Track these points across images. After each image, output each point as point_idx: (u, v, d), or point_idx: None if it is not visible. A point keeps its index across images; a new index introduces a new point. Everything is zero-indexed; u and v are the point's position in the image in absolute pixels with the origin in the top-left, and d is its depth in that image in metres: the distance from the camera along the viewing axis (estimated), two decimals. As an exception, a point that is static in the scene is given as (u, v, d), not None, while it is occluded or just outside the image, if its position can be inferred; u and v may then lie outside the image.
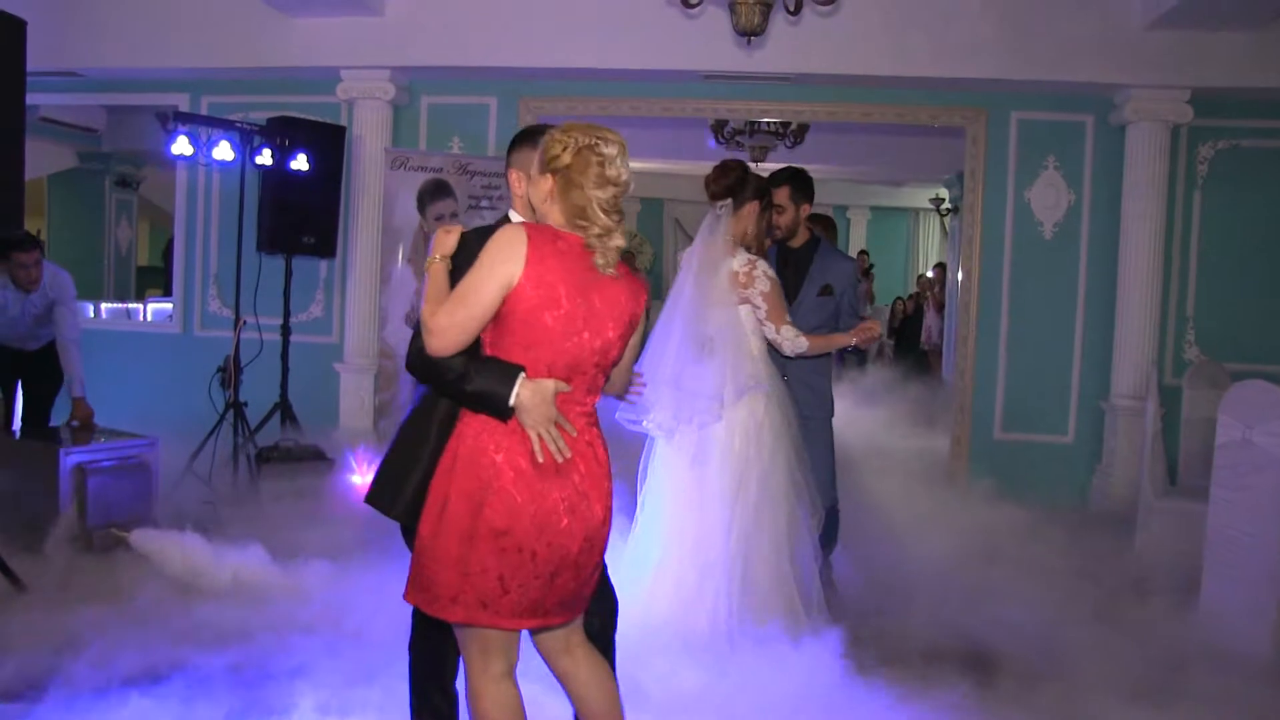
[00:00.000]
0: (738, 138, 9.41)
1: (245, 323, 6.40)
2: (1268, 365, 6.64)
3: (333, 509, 5.73)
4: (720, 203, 4.04)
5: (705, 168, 13.61)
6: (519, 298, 2.29)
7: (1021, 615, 4.41)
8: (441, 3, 6.70)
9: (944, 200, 12.72)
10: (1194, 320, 6.93)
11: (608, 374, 2.48)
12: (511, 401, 2.29)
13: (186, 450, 6.17)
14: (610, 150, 2.37)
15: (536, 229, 2.35)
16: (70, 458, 4.97)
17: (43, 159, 9.96)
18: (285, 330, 6.64)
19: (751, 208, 4.05)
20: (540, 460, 2.32)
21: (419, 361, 2.38)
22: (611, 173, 2.36)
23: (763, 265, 3.98)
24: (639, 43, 6.61)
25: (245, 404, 6.40)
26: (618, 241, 2.38)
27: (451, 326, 2.29)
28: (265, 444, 6.24)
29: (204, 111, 7.18)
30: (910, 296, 12.99)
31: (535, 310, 2.30)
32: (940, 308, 11.26)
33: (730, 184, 4.04)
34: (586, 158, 2.35)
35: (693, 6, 4.90)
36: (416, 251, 6.84)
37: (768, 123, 9.13)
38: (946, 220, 13.41)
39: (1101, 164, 6.84)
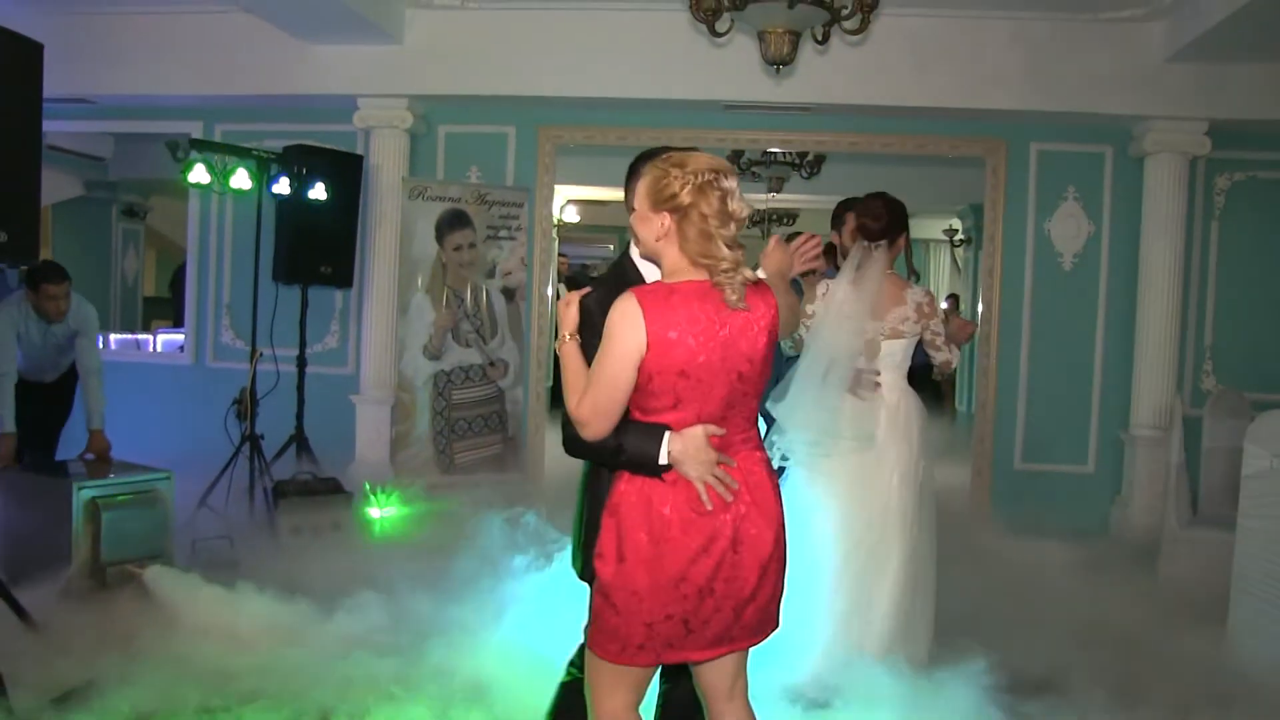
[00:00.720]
0: (754, 168, 9.46)
1: (261, 354, 6.39)
2: (1285, 395, 6.71)
3: (352, 545, 5.74)
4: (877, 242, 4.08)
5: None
6: (651, 366, 2.29)
7: (1064, 646, 4.43)
8: (460, 31, 6.72)
9: (957, 231, 12.79)
10: (1212, 350, 6.98)
11: (763, 390, 2.49)
12: (663, 460, 2.31)
13: (200, 483, 6.12)
14: (730, 183, 2.34)
15: (647, 293, 2.32)
16: (84, 491, 4.90)
17: (49, 187, 9.87)
18: (301, 361, 6.63)
19: (904, 238, 4.13)
20: (709, 508, 2.33)
21: (574, 447, 2.44)
22: (734, 207, 2.32)
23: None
24: (661, 72, 6.66)
25: (262, 436, 6.38)
26: (745, 275, 2.34)
27: (596, 415, 2.31)
28: (281, 477, 6.22)
29: (217, 139, 7.19)
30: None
31: (669, 372, 2.30)
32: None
33: (890, 222, 4.08)
34: (709, 194, 2.30)
35: (720, 35, 4.94)
36: (435, 281, 6.86)
37: (784, 153, 9.19)
38: (959, 252, 13.47)
39: (1120, 195, 6.92)
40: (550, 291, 7.61)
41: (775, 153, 9.29)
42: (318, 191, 6.32)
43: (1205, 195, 6.92)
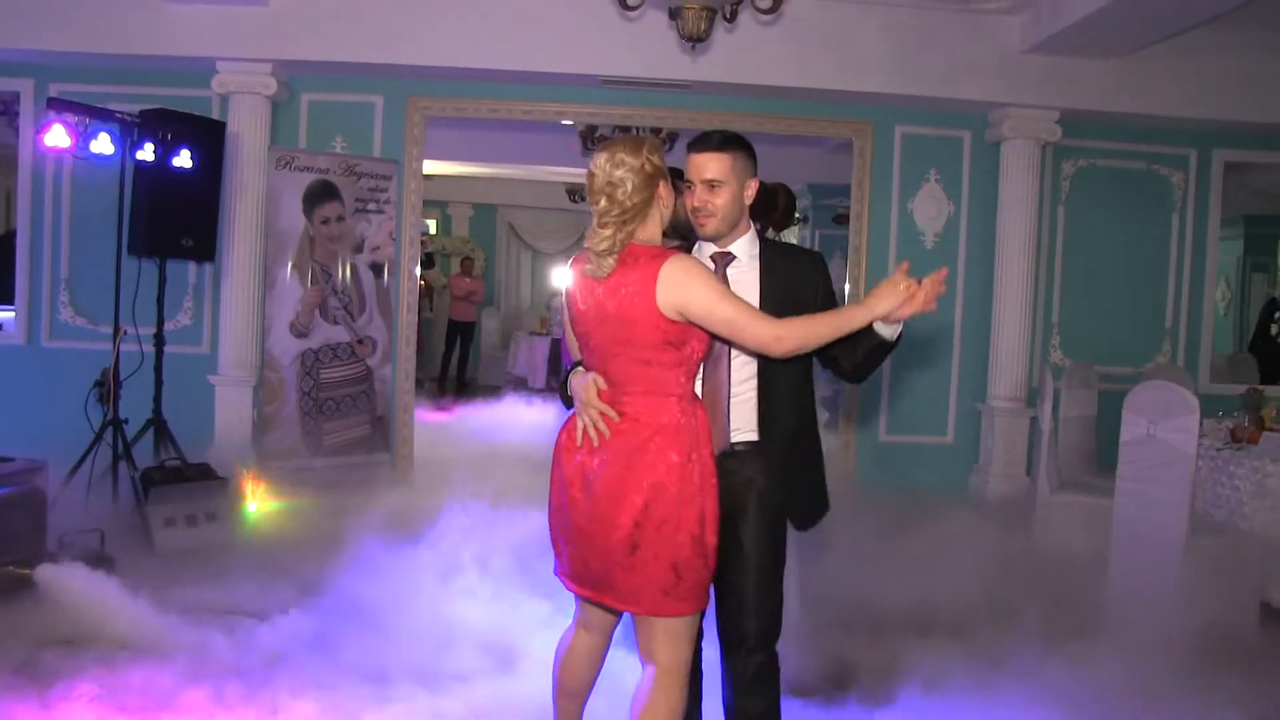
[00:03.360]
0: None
1: (126, 332, 6.12)
2: (1123, 367, 7.48)
3: (230, 536, 5.65)
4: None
5: (540, 172, 13.99)
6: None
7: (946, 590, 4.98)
8: (329, -6, 6.64)
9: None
10: (1059, 326, 7.66)
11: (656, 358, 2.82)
12: (570, 392, 2.89)
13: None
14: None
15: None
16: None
17: None
18: (159, 341, 6.37)
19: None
20: (578, 443, 2.82)
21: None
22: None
23: None
24: (537, 45, 6.77)
25: (126, 421, 6.11)
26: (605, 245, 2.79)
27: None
28: (139, 464, 5.97)
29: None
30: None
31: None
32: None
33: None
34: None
35: (632, 9, 5.10)
36: (302, 255, 6.74)
37: (637, 129, 9.38)
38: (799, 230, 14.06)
39: (978, 177, 7.49)
40: (418, 269, 7.57)
41: (627, 128, 9.47)
42: (183, 159, 6.09)
43: (1054, 180, 7.60)
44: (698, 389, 2.82)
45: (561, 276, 2.39)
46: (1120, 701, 3.80)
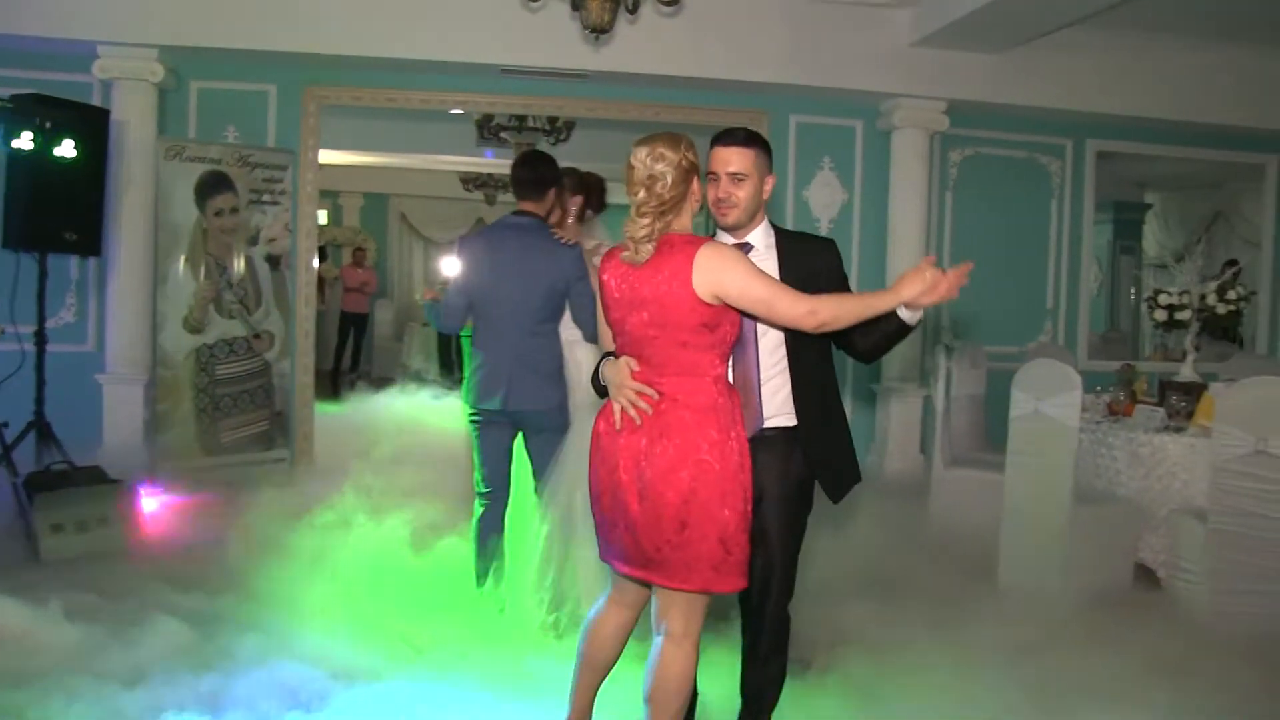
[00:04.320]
0: (503, 133, 9.65)
1: (4, 331, 5.95)
2: (1008, 346, 7.84)
3: (124, 541, 5.51)
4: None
5: (434, 161, 13.87)
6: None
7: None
8: (219, -22, 6.54)
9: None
10: (949, 308, 7.99)
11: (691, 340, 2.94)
12: (602, 381, 3.04)
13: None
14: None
15: None
16: None
17: None
18: (40, 339, 6.16)
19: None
20: (618, 427, 2.93)
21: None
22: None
23: None
24: (436, 33, 6.78)
25: (5, 424, 5.93)
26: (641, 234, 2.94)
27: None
28: (25, 469, 5.80)
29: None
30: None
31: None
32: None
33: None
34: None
35: (535, 0, 5.17)
36: (195, 248, 6.64)
37: (534, 118, 9.45)
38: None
39: (870, 165, 7.77)
40: (316, 261, 7.50)
41: (524, 117, 9.53)
42: (65, 149, 5.94)
43: (941, 168, 7.91)
44: (729, 373, 2.98)
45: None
46: (1015, 653, 4.10)
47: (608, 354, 3.01)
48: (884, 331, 2.97)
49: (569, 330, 4.33)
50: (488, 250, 4.23)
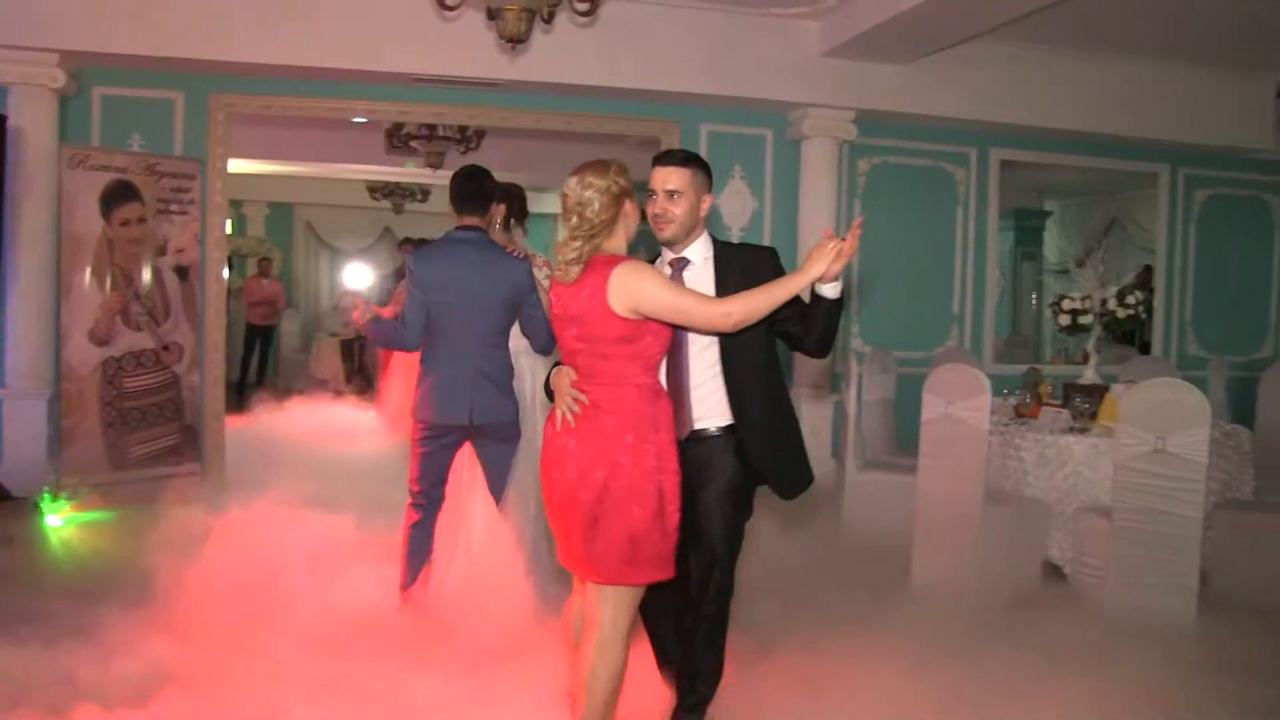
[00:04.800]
0: (413, 142, 9.61)
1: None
2: (916, 351, 8.06)
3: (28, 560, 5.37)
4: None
5: (340, 170, 13.73)
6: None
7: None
8: (124, -18, 6.42)
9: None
10: (858, 314, 8.18)
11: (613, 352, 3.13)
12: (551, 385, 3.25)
13: None
14: None
15: None
16: None
17: None
18: (-64, 353, 6.04)
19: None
20: (558, 429, 3.15)
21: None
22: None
23: None
24: (347, 42, 6.74)
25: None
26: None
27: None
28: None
29: None
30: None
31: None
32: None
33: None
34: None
35: (451, 10, 5.19)
36: (100, 259, 6.50)
37: (444, 127, 9.43)
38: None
39: (780, 174, 7.92)
40: (226, 272, 7.39)
41: (434, 126, 9.51)
42: (-37, 158, 5.80)
43: (849, 176, 8.10)
44: (663, 380, 3.18)
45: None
46: (929, 648, 4.24)
47: (557, 363, 3.22)
48: (818, 316, 3.17)
49: (514, 340, 4.38)
50: (444, 265, 4.22)
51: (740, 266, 3.29)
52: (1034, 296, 13.32)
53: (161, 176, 6.74)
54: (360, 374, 12.68)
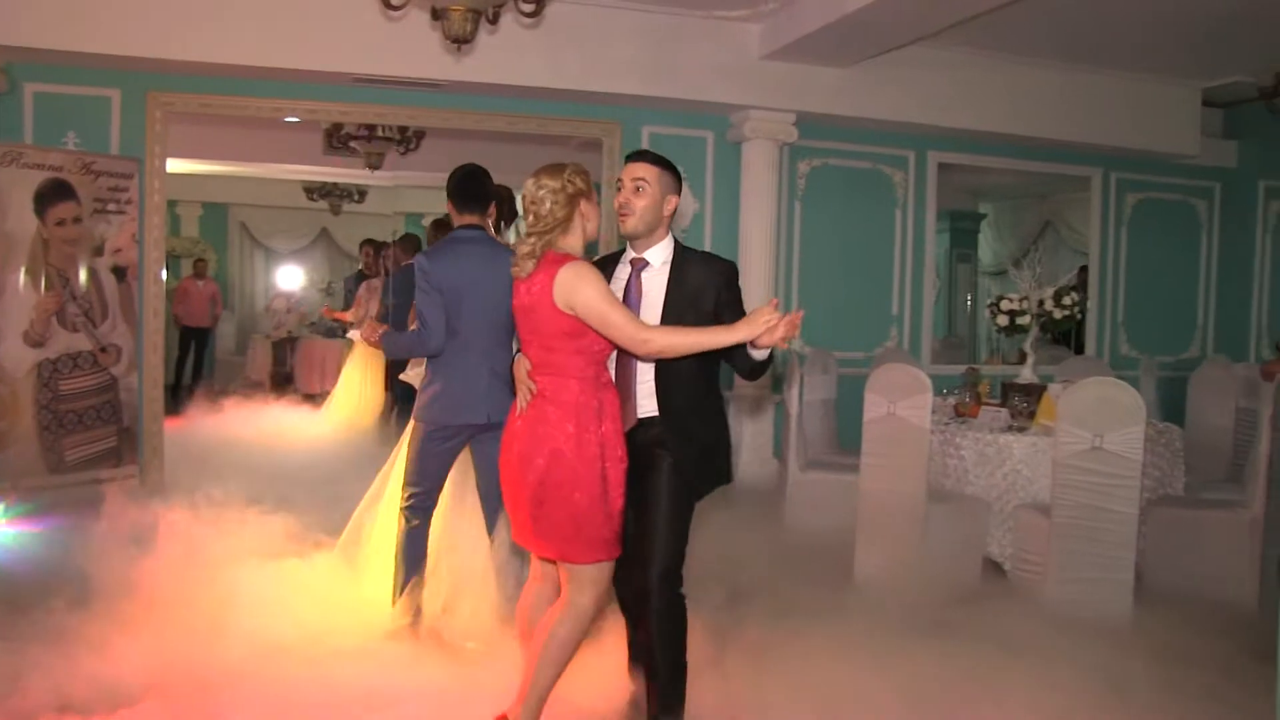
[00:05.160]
0: (352, 142, 9.55)
1: None
2: (856, 352, 8.19)
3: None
4: None
5: (276, 170, 13.56)
6: None
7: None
8: (58, -24, 6.30)
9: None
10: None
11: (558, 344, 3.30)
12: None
13: None
14: None
15: None
16: None
17: None
18: None
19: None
20: (519, 412, 3.38)
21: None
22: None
23: None
24: (288, 41, 6.69)
25: None
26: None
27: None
28: None
29: None
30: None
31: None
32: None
33: None
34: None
35: (396, 9, 5.18)
36: (35, 259, 6.38)
37: (384, 128, 9.39)
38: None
39: (721, 176, 8.00)
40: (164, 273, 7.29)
41: (374, 126, 9.45)
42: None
43: (790, 178, 8.20)
44: (612, 374, 3.34)
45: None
46: (874, 643, 4.35)
47: (519, 351, 3.39)
48: (744, 362, 3.29)
49: None
50: (457, 264, 4.20)
51: (694, 278, 3.41)
52: (969, 298, 13.58)
53: (98, 175, 6.63)
54: (286, 376, 12.67)
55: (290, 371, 12.89)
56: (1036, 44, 7.80)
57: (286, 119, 7.79)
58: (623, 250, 3.53)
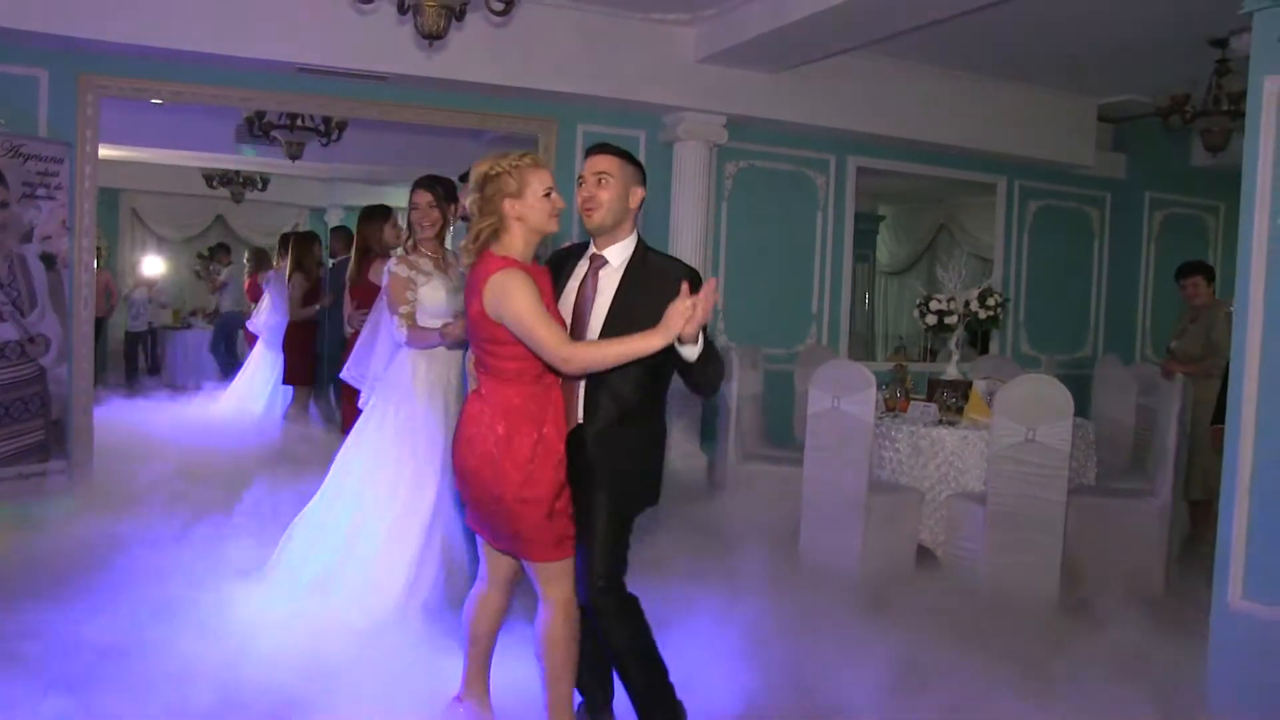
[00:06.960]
0: (274, 132, 9.46)
1: None
2: (780, 348, 8.53)
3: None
4: None
5: (173, 155, 13.18)
6: None
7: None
8: (-17, -50, 6.14)
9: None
10: (725, 312, 8.58)
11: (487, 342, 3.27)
12: None
13: None
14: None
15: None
16: None
17: None
18: None
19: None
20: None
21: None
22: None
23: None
24: (229, 26, 6.65)
25: None
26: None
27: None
28: None
29: None
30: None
31: None
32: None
33: None
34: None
35: (367, 2, 5.26)
36: (-37, 246, 6.25)
37: (307, 118, 9.34)
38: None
39: (653, 175, 8.03)
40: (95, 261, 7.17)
41: (297, 116, 9.38)
42: None
43: (718, 179, 8.49)
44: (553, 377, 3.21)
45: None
46: (815, 627, 4.63)
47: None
48: (688, 369, 3.17)
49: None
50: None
51: (650, 281, 3.27)
52: (866, 297, 14.11)
53: (27, 159, 6.50)
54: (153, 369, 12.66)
55: (157, 364, 12.79)
56: (952, 57, 8.26)
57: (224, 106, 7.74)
58: (588, 242, 3.43)
